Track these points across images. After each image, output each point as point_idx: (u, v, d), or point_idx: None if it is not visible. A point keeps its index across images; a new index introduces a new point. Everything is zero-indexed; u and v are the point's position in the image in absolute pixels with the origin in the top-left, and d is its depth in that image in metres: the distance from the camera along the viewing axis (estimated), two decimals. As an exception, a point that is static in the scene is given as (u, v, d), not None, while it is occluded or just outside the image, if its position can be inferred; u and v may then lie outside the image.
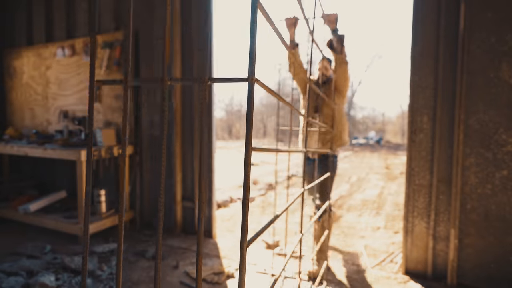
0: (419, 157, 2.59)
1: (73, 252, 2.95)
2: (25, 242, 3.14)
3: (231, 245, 3.29)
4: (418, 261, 2.62)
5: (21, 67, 4.43)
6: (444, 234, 2.52)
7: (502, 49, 2.31)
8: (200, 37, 3.37)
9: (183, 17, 3.42)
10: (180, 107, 3.48)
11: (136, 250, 3.09)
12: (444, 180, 2.52)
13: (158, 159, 3.63)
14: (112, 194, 3.81)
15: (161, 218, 0.59)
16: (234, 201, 5.06)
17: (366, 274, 2.69)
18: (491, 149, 2.37)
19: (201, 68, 3.39)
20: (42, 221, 3.44)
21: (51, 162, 4.20)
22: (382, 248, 3.28)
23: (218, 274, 2.60)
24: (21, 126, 4.47)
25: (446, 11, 2.45)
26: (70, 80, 4.04)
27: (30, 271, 2.57)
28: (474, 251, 2.43)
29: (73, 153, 3.18)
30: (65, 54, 4.01)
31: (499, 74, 2.33)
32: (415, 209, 2.61)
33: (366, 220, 4.18)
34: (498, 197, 2.36)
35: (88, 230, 0.57)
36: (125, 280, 2.57)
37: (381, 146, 14.01)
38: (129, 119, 3.66)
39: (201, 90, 0.55)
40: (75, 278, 2.48)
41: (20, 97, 4.49)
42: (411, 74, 2.58)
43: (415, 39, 2.55)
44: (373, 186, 6.50)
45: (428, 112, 2.55)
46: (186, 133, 3.50)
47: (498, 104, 2.34)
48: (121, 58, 3.62)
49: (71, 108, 4.06)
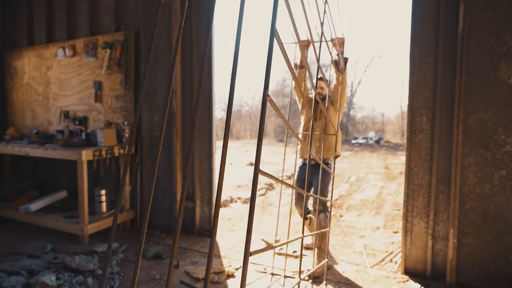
0: (418, 157, 2.60)
1: (73, 252, 2.96)
2: (26, 241, 3.15)
3: (231, 244, 3.31)
4: (417, 260, 2.63)
5: (22, 68, 4.45)
6: (443, 233, 2.54)
7: (501, 49, 2.32)
8: (199, 36, 3.39)
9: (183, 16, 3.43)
10: (181, 107, 3.49)
11: (136, 249, 3.10)
12: (443, 180, 2.53)
13: (159, 160, 3.63)
14: (112, 194, 3.83)
15: (179, 224, 0.60)
16: (234, 201, 5.07)
17: (365, 273, 2.70)
18: (490, 149, 2.38)
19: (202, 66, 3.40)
20: (43, 220, 3.45)
21: (52, 162, 4.21)
22: (382, 247, 3.29)
23: (219, 273, 2.61)
24: (22, 126, 4.49)
25: (445, 10, 2.46)
26: (71, 80, 4.06)
27: (31, 271, 2.58)
28: (473, 250, 2.44)
29: (73, 153, 3.19)
30: (66, 54, 4.02)
31: (498, 74, 2.34)
32: (414, 209, 2.63)
33: (366, 220, 4.20)
34: (497, 197, 2.37)
35: (117, 219, 0.58)
36: (125, 279, 2.58)
37: (380, 146, 14.02)
38: (130, 119, 3.67)
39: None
40: (76, 277, 2.49)
41: (21, 97, 4.51)
42: (410, 74, 2.59)
43: (414, 39, 2.56)
44: (373, 186, 6.51)
45: (427, 112, 2.56)
46: (186, 133, 3.51)
47: (497, 104, 2.35)
48: (121, 58, 3.64)
49: (72, 108, 4.07)
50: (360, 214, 4.48)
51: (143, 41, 3.58)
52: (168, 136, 3.55)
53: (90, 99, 3.91)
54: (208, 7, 3.34)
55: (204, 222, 3.51)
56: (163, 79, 3.54)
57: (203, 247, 3.19)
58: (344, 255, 3.11)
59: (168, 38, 3.47)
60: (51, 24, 4.25)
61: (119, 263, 2.83)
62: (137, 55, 3.64)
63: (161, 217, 3.65)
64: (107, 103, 3.82)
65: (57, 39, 4.20)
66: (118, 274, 2.64)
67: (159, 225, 3.65)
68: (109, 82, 3.77)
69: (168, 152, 3.56)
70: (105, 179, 3.80)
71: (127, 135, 3.60)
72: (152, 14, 3.56)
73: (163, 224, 3.62)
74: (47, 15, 4.23)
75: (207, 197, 3.46)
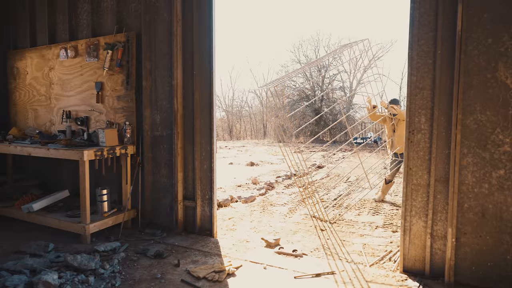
0: (417, 157, 2.62)
1: (75, 251, 2.99)
2: (29, 240, 3.18)
3: (231, 244, 3.33)
4: (416, 259, 2.65)
5: (24, 68, 4.48)
6: (441, 233, 2.56)
7: (498, 49, 2.35)
8: (200, 38, 3.41)
9: (184, 18, 3.46)
10: (182, 108, 3.52)
11: (137, 249, 3.13)
12: (441, 179, 2.55)
13: (160, 160, 3.67)
14: (114, 194, 3.85)
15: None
16: (234, 201, 5.09)
17: (364, 272, 2.73)
18: (488, 149, 2.40)
19: (202, 68, 3.43)
20: (45, 220, 3.48)
21: (54, 162, 4.24)
22: (381, 246, 3.31)
23: (219, 272, 2.64)
24: (24, 126, 4.52)
25: (444, 12, 2.48)
26: (73, 81, 4.09)
27: (33, 270, 2.61)
28: (471, 249, 2.47)
29: (75, 153, 3.22)
30: (68, 55, 4.05)
31: (496, 74, 2.36)
32: (413, 208, 2.65)
33: (365, 219, 4.22)
34: (495, 196, 2.40)
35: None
36: (127, 278, 2.61)
37: (379, 145, 14.06)
38: (132, 119, 3.70)
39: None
40: (78, 276, 2.52)
41: (23, 97, 4.54)
42: (409, 75, 2.61)
43: (413, 40, 2.58)
44: (372, 185, 6.52)
45: (426, 113, 2.58)
46: (187, 133, 3.53)
47: (495, 104, 2.37)
48: (123, 59, 3.67)
49: (73, 109, 4.11)
50: (360, 213, 4.51)
51: (144, 42, 3.61)
52: (169, 136, 3.58)
53: (92, 100, 3.94)
54: (209, 7, 3.36)
55: (205, 222, 3.53)
56: (164, 79, 3.57)
57: (204, 246, 3.22)
58: (343, 254, 3.13)
59: (169, 39, 3.50)
60: (53, 25, 4.28)
61: (121, 261, 2.86)
62: (139, 56, 3.67)
63: (162, 216, 3.68)
64: (108, 104, 3.85)
65: (59, 40, 4.23)
66: (119, 273, 2.67)
67: (160, 224, 3.68)
68: (111, 82, 3.80)
69: (169, 152, 3.59)
70: (106, 179, 3.83)
71: (128, 135, 3.63)
72: (153, 15, 3.59)
73: (164, 223, 3.65)
74: (50, 17, 4.27)
75: (208, 196, 3.49)
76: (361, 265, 2.89)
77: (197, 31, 3.41)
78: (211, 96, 3.41)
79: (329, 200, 5.29)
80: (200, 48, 3.42)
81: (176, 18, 3.42)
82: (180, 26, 3.45)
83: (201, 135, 3.48)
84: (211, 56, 3.38)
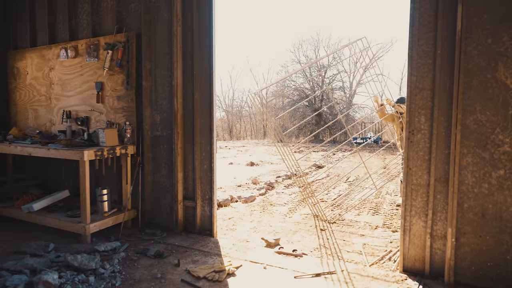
0: (416, 157, 2.63)
1: (76, 251, 2.99)
2: (29, 240, 3.18)
3: (231, 243, 3.33)
4: (415, 259, 2.65)
5: (24, 68, 4.48)
6: (441, 233, 2.56)
7: (498, 50, 2.35)
8: (200, 38, 3.41)
9: (184, 18, 3.46)
10: (182, 108, 3.52)
11: (137, 249, 3.14)
12: (441, 179, 2.55)
13: (160, 159, 3.67)
14: (114, 194, 3.86)
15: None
16: (234, 201, 5.10)
17: (364, 271, 2.73)
18: (488, 149, 2.40)
19: (202, 68, 3.43)
20: (45, 220, 3.48)
21: (55, 162, 4.24)
22: (381, 246, 3.31)
23: (219, 272, 2.64)
24: (24, 126, 4.52)
25: (444, 12, 2.48)
26: (73, 81, 4.09)
27: (33, 269, 2.61)
28: (471, 249, 2.47)
29: (76, 153, 3.22)
30: (68, 55, 4.06)
31: (495, 74, 2.37)
32: (412, 208, 2.65)
33: (365, 219, 4.22)
34: (495, 196, 2.40)
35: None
36: (127, 278, 2.61)
37: (379, 145, 14.04)
38: (132, 119, 3.70)
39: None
40: (78, 276, 2.52)
41: (23, 97, 4.54)
42: (409, 75, 2.61)
43: (413, 40, 2.58)
44: (372, 185, 6.52)
45: (426, 113, 2.59)
46: (187, 133, 3.54)
47: (494, 104, 2.37)
48: (123, 59, 3.67)
49: (74, 109, 4.11)
50: (360, 213, 4.51)
51: (145, 42, 3.61)
52: (169, 136, 3.58)
53: (92, 100, 3.94)
54: (209, 7, 3.36)
55: (205, 221, 3.54)
56: (164, 79, 3.57)
57: (204, 246, 3.22)
58: (343, 253, 3.14)
59: (169, 39, 3.50)
60: (54, 25, 4.28)
61: (121, 261, 2.87)
62: (139, 56, 3.67)
63: (162, 216, 3.68)
64: (108, 104, 3.85)
65: (60, 40, 4.23)
66: (119, 273, 2.67)
67: (160, 224, 3.68)
68: (111, 82, 3.81)
69: (169, 152, 3.59)
70: (107, 178, 3.83)
71: (128, 135, 3.63)
72: (153, 15, 3.59)
73: (164, 223, 3.65)
74: (50, 17, 4.27)
75: (208, 196, 3.49)
76: (361, 265, 2.89)
77: (197, 31, 3.42)
78: (211, 96, 3.42)
79: (329, 200, 5.29)
80: (200, 48, 3.43)
81: (176, 18, 3.42)
82: (180, 26, 3.45)
83: (201, 135, 3.48)
84: (211, 56, 3.39)
